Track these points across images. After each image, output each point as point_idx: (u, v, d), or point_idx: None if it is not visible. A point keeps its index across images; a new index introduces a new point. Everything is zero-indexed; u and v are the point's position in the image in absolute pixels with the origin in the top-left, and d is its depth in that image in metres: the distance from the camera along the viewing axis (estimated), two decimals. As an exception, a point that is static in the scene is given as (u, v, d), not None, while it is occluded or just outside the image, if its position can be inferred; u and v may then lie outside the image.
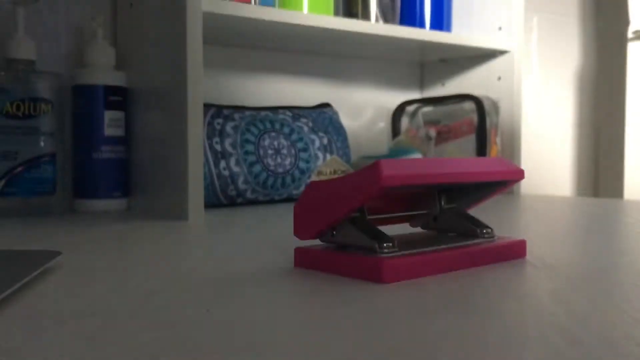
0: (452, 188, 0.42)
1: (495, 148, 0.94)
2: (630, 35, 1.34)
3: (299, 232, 0.38)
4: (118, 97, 0.73)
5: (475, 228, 0.41)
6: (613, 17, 1.39)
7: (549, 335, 0.23)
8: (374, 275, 0.33)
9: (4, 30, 0.72)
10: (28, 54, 0.68)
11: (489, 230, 0.41)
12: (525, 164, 1.27)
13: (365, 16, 0.88)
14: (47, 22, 0.75)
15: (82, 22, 0.77)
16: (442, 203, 0.42)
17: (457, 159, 0.37)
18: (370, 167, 0.33)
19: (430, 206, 0.42)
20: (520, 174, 0.40)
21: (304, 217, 0.38)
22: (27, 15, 0.71)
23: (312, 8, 0.81)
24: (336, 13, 0.89)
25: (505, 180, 0.40)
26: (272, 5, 0.77)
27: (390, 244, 0.35)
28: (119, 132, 0.73)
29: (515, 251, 0.41)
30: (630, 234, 0.52)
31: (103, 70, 0.72)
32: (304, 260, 0.38)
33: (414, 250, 0.36)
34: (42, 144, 0.68)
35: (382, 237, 0.35)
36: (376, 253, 0.35)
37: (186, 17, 0.63)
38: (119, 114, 0.73)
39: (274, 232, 0.54)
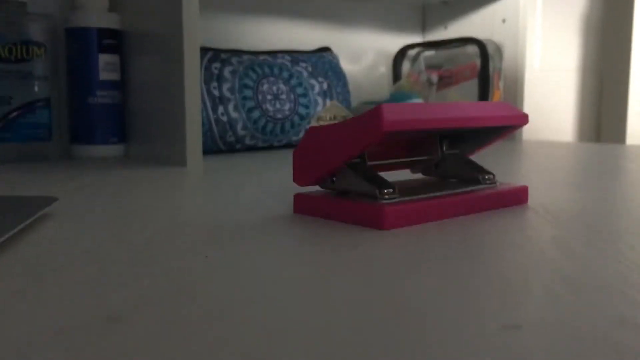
0: (454, 133, 0.41)
1: (498, 93, 0.93)
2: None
3: (298, 178, 0.38)
4: (112, 41, 0.71)
5: (477, 174, 0.40)
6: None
7: (550, 282, 0.23)
8: (375, 221, 0.33)
9: (-8, -30, 0.69)
10: (18, -5, 0.66)
11: (491, 176, 0.40)
12: (527, 108, 1.25)
13: (367, -45, 0.85)
14: (37, -39, 0.73)
15: (73, -38, 0.75)
16: (444, 149, 0.41)
17: (460, 103, 0.36)
18: (372, 112, 0.32)
19: (431, 152, 0.41)
20: (523, 119, 0.39)
21: (304, 163, 0.37)
22: (15, -46, 0.69)
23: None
24: (336, -48, 0.86)
25: (508, 126, 0.39)
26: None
27: (391, 190, 0.35)
28: (114, 76, 0.71)
29: (517, 197, 0.40)
30: (633, 180, 0.52)
31: (96, 12, 0.70)
32: (303, 206, 0.37)
33: (415, 197, 0.36)
34: (36, 88, 0.67)
35: (383, 183, 0.35)
36: (377, 199, 0.34)
37: (181, -44, 0.61)
38: (113, 58, 0.71)
39: (273, 178, 0.54)
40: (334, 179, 0.37)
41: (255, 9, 0.90)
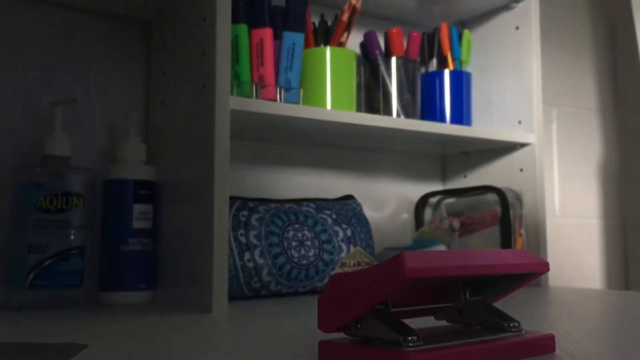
0: (477, 280, 0.42)
1: (520, 239, 0.94)
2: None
3: (323, 324, 0.38)
4: (147, 191, 0.75)
5: (502, 321, 0.40)
6: (632, 109, 1.42)
7: None
8: (400, 369, 0.33)
9: (42, 128, 0.75)
10: (64, 150, 0.71)
11: (516, 323, 0.40)
12: (552, 255, 1.25)
13: (387, 112, 0.91)
14: (83, 120, 0.79)
15: (115, 120, 0.81)
16: (467, 295, 0.41)
17: (481, 250, 0.38)
18: (394, 260, 0.33)
19: (455, 298, 0.42)
20: (544, 267, 0.40)
21: (328, 310, 0.38)
22: (64, 114, 0.75)
23: (335, 104, 0.84)
24: (358, 109, 0.92)
25: (530, 273, 0.40)
26: (297, 102, 0.80)
27: (415, 338, 0.35)
28: (147, 224, 0.74)
29: (543, 346, 0.40)
30: (664, 328, 0.51)
31: (134, 165, 0.75)
32: (328, 353, 0.38)
33: (440, 345, 0.36)
34: (72, 237, 0.70)
35: (407, 331, 0.35)
36: (401, 347, 0.34)
37: (215, 115, 0.66)
38: (147, 207, 0.75)
39: (298, 324, 0.54)
40: (359, 325, 0.37)
41: (282, 161, 0.95)
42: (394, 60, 0.92)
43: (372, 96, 0.93)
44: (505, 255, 0.38)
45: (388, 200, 1.05)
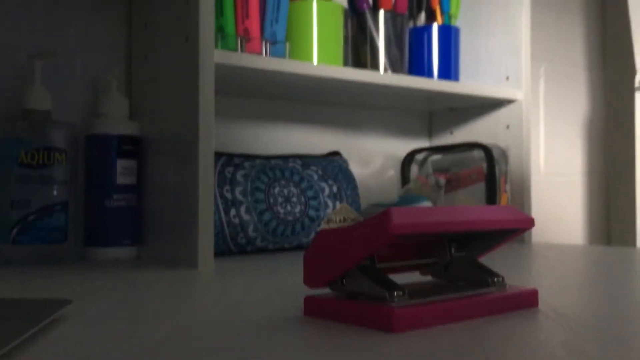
0: (462, 236, 0.42)
1: (505, 196, 0.94)
2: (637, 84, 1.35)
3: (308, 280, 0.38)
4: (131, 146, 0.74)
5: (486, 277, 0.41)
6: (620, 67, 1.41)
7: (562, 387, 0.23)
8: (385, 324, 0.33)
9: (22, 82, 0.74)
10: (44, 104, 0.70)
11: (500, 279, 0.41)
12: (536, 212, 1.26)
13: (374, 66, 0.90)
14: (63, 74, 0.77)
15: (97, 74, 0.79)
16: (452, 251, 0.42)
17: (467, 207, 0.37)
18: (380, 216, 0.33)
19: (440, 254, 0.42)
20: (529, 223, 0.40)
21: (314, 265, 0.38)
22: (44, 68, 0.73)
23: (321, 59, 0.83)
24: (345, 63, 0.91)
25: (515, 229, 0.40)
26: (283, 56, 0.79)
27: (401, 293, 0.35)
28: (131, 180, 0.74)
29: (527, 300, 0.40)
30: (644, 283, 0.52)
31: (117, 120, 0.74)
32: (313, 309, 0.38)
33: (425, 299, 0.36)
34: (55, 192, 0.69)
35: (393, 286, 0.35)
36: (386, 302, 0.35)
37: (199, 69, 0.65)
38: (131, 163, 0.74)
39: (284, 280, 0.54)
40: (344, 281, 0.37)
41: (268, 116, 0.94)
42: (381, 13, 0.90)
43: (359, 50, 0.91)
44: (491, 211, 0.38)
45: (374, 157, 1.05)
